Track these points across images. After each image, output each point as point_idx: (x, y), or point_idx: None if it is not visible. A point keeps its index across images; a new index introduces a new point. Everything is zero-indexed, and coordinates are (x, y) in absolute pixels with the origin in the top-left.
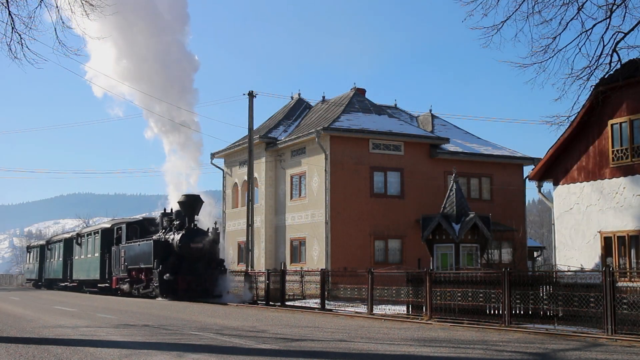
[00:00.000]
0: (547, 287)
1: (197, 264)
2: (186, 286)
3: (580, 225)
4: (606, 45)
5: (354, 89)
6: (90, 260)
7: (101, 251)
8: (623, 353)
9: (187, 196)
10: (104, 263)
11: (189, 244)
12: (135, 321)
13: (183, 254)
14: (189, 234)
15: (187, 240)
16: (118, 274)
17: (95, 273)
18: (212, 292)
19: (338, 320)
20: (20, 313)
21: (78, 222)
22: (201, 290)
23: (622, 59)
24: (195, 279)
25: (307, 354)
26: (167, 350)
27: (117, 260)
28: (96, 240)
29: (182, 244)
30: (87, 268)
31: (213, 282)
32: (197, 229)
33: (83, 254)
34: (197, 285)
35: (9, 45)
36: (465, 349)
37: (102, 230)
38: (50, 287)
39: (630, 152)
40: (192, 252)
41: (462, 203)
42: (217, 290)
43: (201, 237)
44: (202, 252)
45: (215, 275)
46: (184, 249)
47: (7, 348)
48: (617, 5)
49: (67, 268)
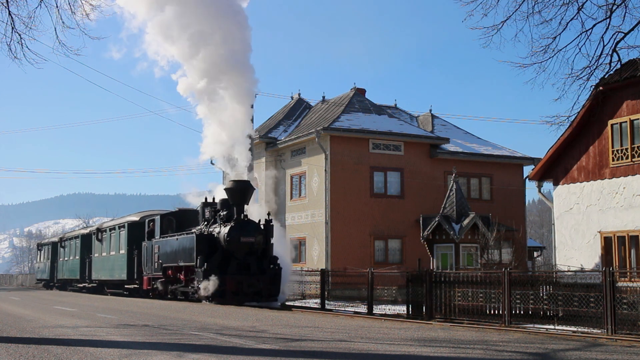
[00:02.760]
0: (547, 287)
1: (248, 262)
2: (235, 287)
3: (580, 225)
4: (606, 45)
5: (354, 89)
6: (115, 258)
7: (128, 247)
8: (623, 353)
9: (236, 182)
10: (132, 261)
11: (238, 237)
12: (135, 321)
13: (232, 249)
14: (239, 226)
15: (237, 233)
16: (150, 273)
17: (122, 272)
18: (265, 294)
19: (338, 320)
20: (20, 313)
21: (78, 222)
22: (253, 292)
23: (622, 59)
24: (247, 279)
25: (307, 354)
26: (167, 350)
27: (148, 257)
28: (121, 235)
29: (230, 238)
30: (110, 267)
31: (267, 283)
32: (248, 221)
33: (105, 251)
34: (249, 286)
35: (9, 45)
36: (465, 349)
37: (129, 223)
38: (63, 288)
39: (630, 152)
40: (243, 247)
41: (462, 203)
42: (271, 292)
43: (253, 230)
44: (254, 247)
45: (269, 274)
46: (233, 243)
47: (7, 348)
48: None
49: (84, 267)
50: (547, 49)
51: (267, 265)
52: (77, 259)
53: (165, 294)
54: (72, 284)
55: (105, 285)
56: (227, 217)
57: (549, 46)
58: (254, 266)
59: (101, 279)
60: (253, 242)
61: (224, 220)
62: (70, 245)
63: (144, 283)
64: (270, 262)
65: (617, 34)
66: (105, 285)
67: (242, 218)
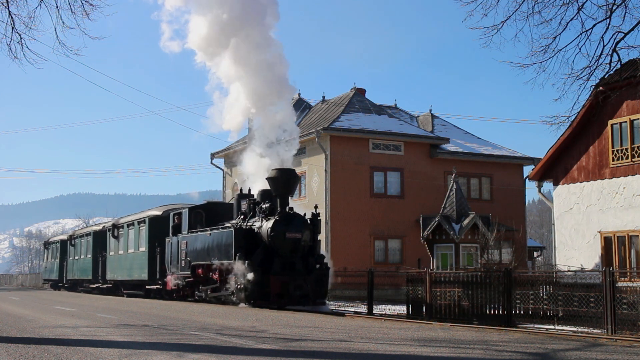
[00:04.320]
0: (547, 287)
1: (293, 260)
2: (280, 289)
3: (580, 225)
4: (606, 45)
5: (354, 89)
6: (134, 256)
7: (149, 244)
8: (623, 353)
9: (281, 170)
10: (154, 259)
11: (284, 233)
12: (135, 321)
13: (276, 246)
14: (285, 220)
15: (282, 228)
16: (176, 271)
17: (141, 272)
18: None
19: (338, 320)
20: (20, 313)
21: (78, 222)
22: (300, 295)
23: (622, 59)
24: (293, 280)
25: (307, 354)
26: (167, 350)
27: (174, 254)
28: (141, 231)
29: (275, 234)
30: (128, 266)
31: (313, 285)
32: (294, 214)
33: (122, 248)
34: (296, 288)
35: (9, 45)
36: (465, 349)
37: (150, 218)
38: (74, 289)
39: (630, 152)
40: (288, 244)
41: (462, 203)
42: (318, 295)
43: (299, 225)
44: (300, 244)
45: (315, 275)
46: (278, 239)
47: (7, 348)
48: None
49: (98, 266)
50: (547, 49)
51: (313, 264)
52: (90, 258)
53: (193, 296)
54: (83, 285)
55: (121, 285)
56: (269, 210)
57: (549, 46)
58: (300, 265)
59: (117, 279)
60: (299, 239)
61: (266, 214)
62: (82, 243)
63: (167, 283)
64: (316, 261)
65: (617, 34)
66: (122, 286)
67: (287, 211)
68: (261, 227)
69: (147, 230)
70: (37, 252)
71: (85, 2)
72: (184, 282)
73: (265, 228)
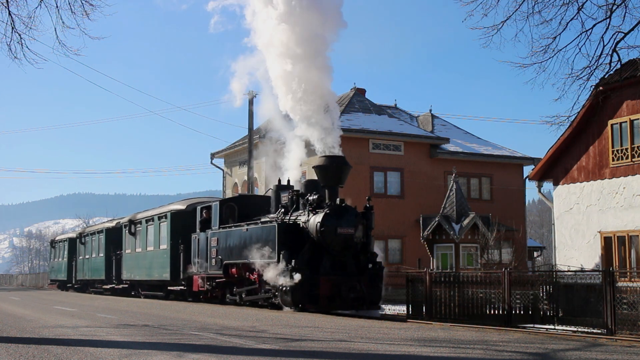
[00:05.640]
0: (547, 287)
1: (344, 259)
2: (330, 292)
3: (580, 225)
4: (606, 45)
5: (354, 89)
6: (154, 255)
7: (172, 241)
8: (623, 353)
9: (330, 158)
10: (176, 258)
11: (335, 228)
12: (135, 321)
13: (326, 243)
14: (336, 213)
15: (334, 222)
16: (205, 271)
17: (163, 271)
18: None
19: (338, 320)
20: (20, 313)
21: (78, 222)
22: (354, 298)
23: (622, 59)
24: (346, 282)
25: (307, 354)
26: (167, 350)
27: (202, 252)
28: (162, 228)
29: (325, 229)
30: (147, 265)
31: (368, 287)
32: (346, 207)
33: (140, 246)
34: (349, 290)
35: (9, 45)
36: (465, 349)
37: (173, 213)
38: (84, 289)
39: (630, 152)
40: (339, 240)
41: (462, 203)
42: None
43: (353, 219)
44: (353, 241)
45: (368, 275)
46: (328, 235)
47: (7, 348)
48: (617, 5)
49: (111, 266)
50: (547, 49)
51: (365, 263)
52: (102, 257)
53: (224, 298)
54: (94, 286)
55: (139, 286)
56: (316, 203)
57: (549, 46)
58: (351, 265)
59: (134, 279)
60: (352, 234)
61: (313, 207)
62: (93, 241)
63: (193, 284)
64: (368, 260)
65: (617, 34)
66: (139, 287)
67: (338, 204)
68: (308, 222)
69: (169, 226)
70: (37, 252)
71: (85, 2)
72: (213, 282)
73: (314, 222)
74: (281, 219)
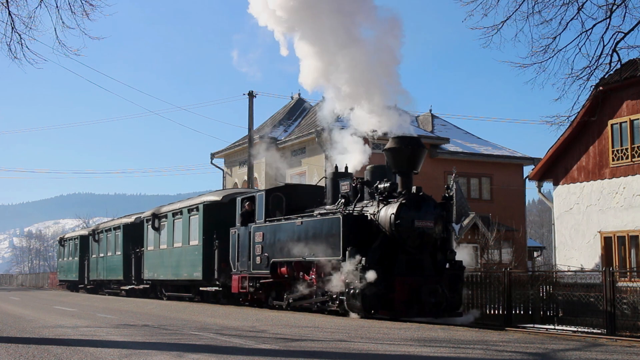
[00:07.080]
0: (547, 287)
1: (421, 257)
2: (408, 295)
3: (580, 225)
4: (606, 45)
5: None
6: (182, 252)
7: (204, 237)
8: (623, 353)
9: (403, 139)
10: (210, 255)
11: (412, 221)
12: (135, 321)
13: (402, 238)
14: (413, 203)
15: (411, 214)
16: (246, 270)
17: (194, 270)
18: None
19: (338, 320)
20: (20, 313)
21: (78, 222)
22: (435, 302)
23: (622, 59)
24: (425, 284)
25: (307, 354)
26: (167, 350)
27: (243, 249)
28: (192, 222)
29: (401, 222)
30: (174, 263)
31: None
32: (424, 196)
33: (165, 242)
34: (430, 294)
35: (9, 45)
36: (465, 349)
37: (206, 205)
38: (97, 290)
39: (630, 152)
40: (415, 236)
41: (462, 203)
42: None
43: (432, 211)
44: (432, 237)
45: (447, 277)
46: (404, 230)
47: (7, 348)
48: (617, 5)
49: (130, 264)
50: (547, 49)
51: (443, 262)
52: (120, 255)
53: (266, 301)
54: (110, 286)
55: (162, 287)
56: (388, 191)
57: (549, 46)
58: (429, 264)
59: (158, 279)
60: (431, 229)
61: (384, 196)
62: (108, 238)
63: (232, 284)
64: (446, 259)
65: (617, 34)
66: (163, 287)
67: (415, 193)
68: (378, 214)
69: (201, 220)
70: (37, 252)
71: (85, 2)
72: (256, 283)
73: (386, 214)
74: (347, 210)
